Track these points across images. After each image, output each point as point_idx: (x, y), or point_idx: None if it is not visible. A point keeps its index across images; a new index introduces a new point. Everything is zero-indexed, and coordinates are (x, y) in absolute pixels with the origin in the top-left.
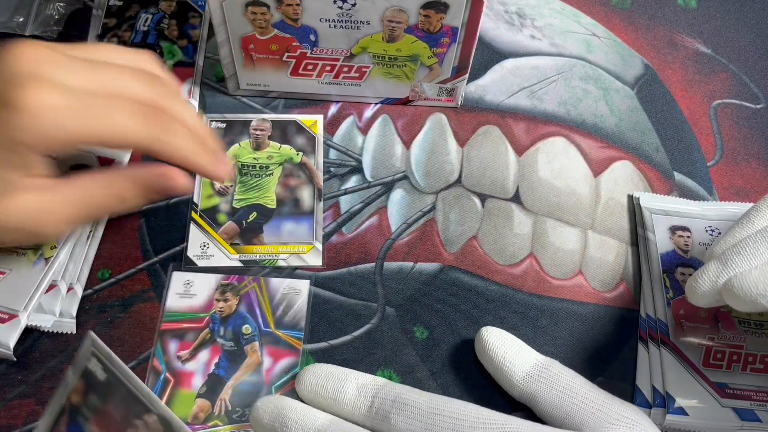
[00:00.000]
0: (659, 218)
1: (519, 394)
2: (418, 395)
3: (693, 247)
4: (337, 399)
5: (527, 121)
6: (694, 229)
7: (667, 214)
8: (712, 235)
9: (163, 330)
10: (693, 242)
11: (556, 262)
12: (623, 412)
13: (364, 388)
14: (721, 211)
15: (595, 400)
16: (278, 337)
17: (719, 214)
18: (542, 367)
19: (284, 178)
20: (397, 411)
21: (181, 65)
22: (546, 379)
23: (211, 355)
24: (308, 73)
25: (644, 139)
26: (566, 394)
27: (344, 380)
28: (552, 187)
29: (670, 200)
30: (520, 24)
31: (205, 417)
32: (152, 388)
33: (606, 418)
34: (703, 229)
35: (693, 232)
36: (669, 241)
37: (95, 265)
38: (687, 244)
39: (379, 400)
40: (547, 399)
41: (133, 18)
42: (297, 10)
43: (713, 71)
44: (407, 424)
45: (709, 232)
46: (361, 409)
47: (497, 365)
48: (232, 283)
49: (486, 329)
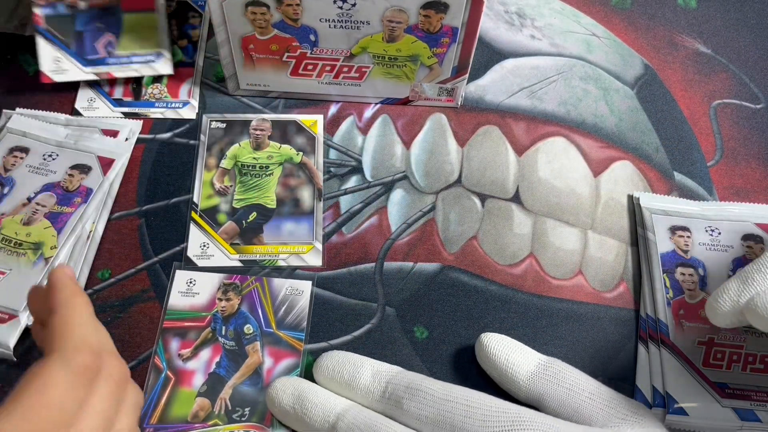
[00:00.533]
0: (659, 218)
1: (525, 396)
2: (432, 383)
3: (693, 247)
4: (352, 384)
5: (527, 121)
6: (694, 229)
7: (668, 214)
8: (712, 235)
9: (165, 328)
10: (693, 242)
11: (556, 262)
12: (631, 408)
13: (378, 374)
14: (721, 210)
15: (602, 396)
16: (279, 338)
17: (719, 214)
18: (545, 366)
19: (284, 178)
20: (410, 397)
21: (181, 65)
22: (551, 377)
23: (212, 354)
24: (308, 73)
25: (644, 139)
26: (573, 391)
27: (360, 366)
28: (552, 187)
29: (670, 200)
30: (520, 24)
31: (205, 416)
32: (153, 386)
33: (615, 414)
34: (703, 228)
35: (693, 232)
36: (669, 241)
37: (95, 265)
38: (687, 244)
39: (393, 386)
40: (554, 397)
41: None
42: (297, 10)
43: (713, 71)
44: (419, 410)
45: (709, 232)
46: (375, 395)
47: (501, 370)
48: (234, 283)
49: (485, 335)
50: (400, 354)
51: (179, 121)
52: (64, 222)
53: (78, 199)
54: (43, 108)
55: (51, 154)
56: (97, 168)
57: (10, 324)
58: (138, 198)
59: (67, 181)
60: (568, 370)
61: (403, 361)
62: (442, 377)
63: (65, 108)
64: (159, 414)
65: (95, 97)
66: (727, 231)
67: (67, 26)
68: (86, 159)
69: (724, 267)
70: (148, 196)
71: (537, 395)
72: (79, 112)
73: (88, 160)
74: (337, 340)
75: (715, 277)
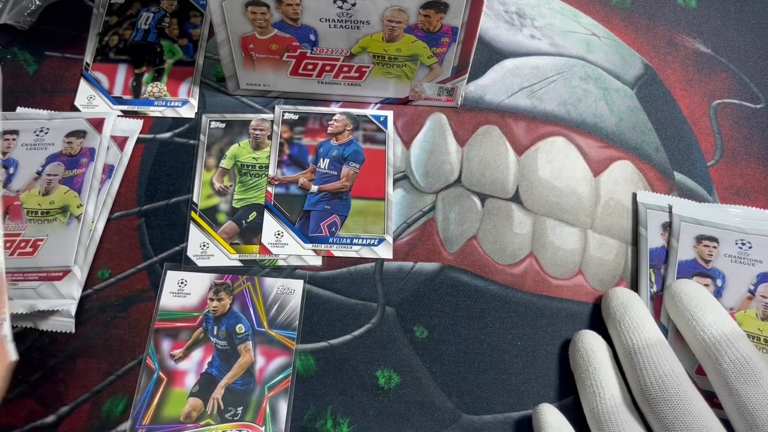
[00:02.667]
0: (688, 226)
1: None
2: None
3: (717, 258)
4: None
5: (527, 121)
6: (723, 241)
7: (699, 223)
8: (741, 248)
9: (156, 329)
10: (718, 253)
11: (556, 262)
12: None
13: (721, 323)
14: (759, 224)
15: None
16: (271, 337)
17: (756, 228)
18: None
19: None
20: (744, 380)
21: (181, 64)
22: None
23: (204, 354)
24: (308, 73)
25: (644, 139)
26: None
27: (707, 308)
28: (552, 187)
29: (706, 210)
30: (520, 24)
31: (198, 416)
32: (145, 387)
33: None
34: (733, 241)
35: (721, 243)
36: (692, 250)
37: (95, 265)
38: (711, 255)
39: (729, 359)
40: None
41: (135, 16)
42: (297, 10)
43: (713, 71)
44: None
45: (739, 245)
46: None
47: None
48: (226, 283)
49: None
50: (400, 354)
51: (179, 120)
52: (81, 182)
53: (84, 160)
54: (43, 107)
55: (42, 129)
56: (90, 129)
57: (68, 278)
58: (138, 198)
59: (69, 149)
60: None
61: (403, 360)
62: (442, 377)
63: (65, 107)
64: (151, 414)
65: (95, 94)
66: (760, 246)
67: (296, 205)
68: (78, 125)
69: (747, 280)
70: (147, 195)
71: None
72: (78, 110)
73: (79, 126)
74: (337, 340)
75: (734, 289)
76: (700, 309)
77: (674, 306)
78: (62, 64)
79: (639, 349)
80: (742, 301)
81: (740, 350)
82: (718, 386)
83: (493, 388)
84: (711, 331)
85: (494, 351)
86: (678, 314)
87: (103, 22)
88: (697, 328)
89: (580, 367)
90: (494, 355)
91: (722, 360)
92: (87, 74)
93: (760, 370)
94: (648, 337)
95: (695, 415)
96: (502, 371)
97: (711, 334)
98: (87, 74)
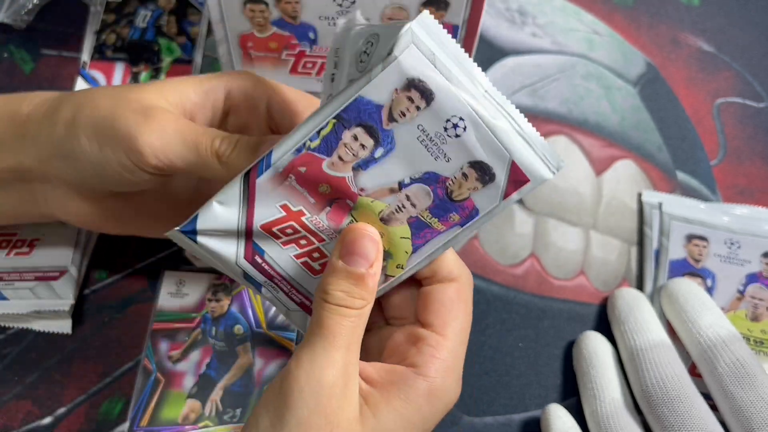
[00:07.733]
0: (678, 225)
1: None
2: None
3: (707, 257)
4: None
5: (529, 120)
6: (713, 241)
7: (689, 222)
8: (730, 249)
9: (154, 330)
10: (708, 253)
11: (558, 263)
12: None
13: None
14: (746, 225)
15: None
16: (270, 338)
17: (745, 228)
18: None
19: None
20: (739, 383)
21: (180, 63)
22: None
23: (202, 356)
24: (307, 72)
25: (647, 138)
26: None
27: (704, 309)
28: (554, 187)
29: (693, 208)
30: (521, 22)
31: (196, 418)
32: (143, 388)
33: None
34: (722, 241)
35: (711, 243)
36: (682, 249)
37: (93, 265)
38: (701, 254)
39: (725, 362)
40: None
41: (132, 14)
42: (296, 8)
43: (716, 69)
44: (747, 398)
45: (728, 245)
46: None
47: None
48: (224, 283)
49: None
50: None
51: None
52: (426, 240)
53: (455, 216)
54: None
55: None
56: (502, 179)
57: (64, 278)
58: None
59: (455, 183)
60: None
61: None
62: None
63: None
64: (149, 416)
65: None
66: (749, 246)
67: None
68: (494, 158)
69: (736, 280)
70: None
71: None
72: None
73: (495, 161)
74: None
75: (724, 289)
76: (697, 310)
77: (670, 305)
78: (59, 63)
79: (641, 351)
80: (732, 302)
81: (736, 353)
82: (714, 389)
83: (495, 389)
84: (707, 333)
85: (496, 352)
86: (674, 314)
87: (100, 20)
88: (693, 330)
89: (582, 369)
90: (496, 356)
91: (718, 363)
92: (84, 73)
93: (756, 374)
94: (651, 338)
95: (696, 418)
96: (504, 373)
97: (707, 337)
98: (84, 73)
